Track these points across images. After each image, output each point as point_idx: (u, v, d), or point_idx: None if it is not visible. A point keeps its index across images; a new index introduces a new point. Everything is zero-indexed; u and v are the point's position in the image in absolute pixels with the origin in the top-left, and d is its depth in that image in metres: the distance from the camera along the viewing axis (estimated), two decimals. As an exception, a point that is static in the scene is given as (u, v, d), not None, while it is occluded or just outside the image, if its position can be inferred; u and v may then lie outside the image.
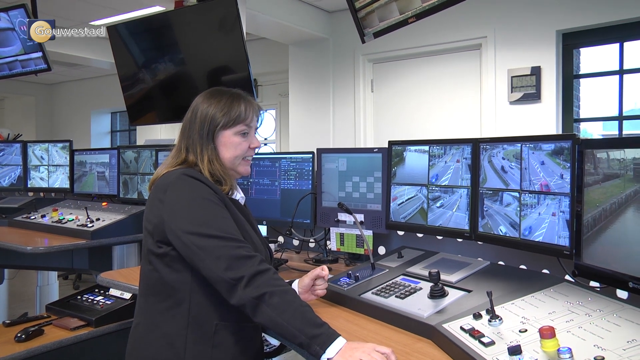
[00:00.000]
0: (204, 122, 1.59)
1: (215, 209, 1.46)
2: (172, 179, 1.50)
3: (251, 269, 1.35)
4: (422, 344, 1.47)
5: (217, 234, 1.39)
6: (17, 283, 5.09)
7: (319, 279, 1.76)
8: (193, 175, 1.51)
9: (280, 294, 1.34)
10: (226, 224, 1.44)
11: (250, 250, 1.40)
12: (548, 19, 4.18)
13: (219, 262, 1.35)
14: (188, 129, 1.62)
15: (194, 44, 3.19)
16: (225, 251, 1.36)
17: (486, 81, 4.49)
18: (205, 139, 1.59)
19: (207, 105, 1.60)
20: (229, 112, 1.60)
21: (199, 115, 1.60)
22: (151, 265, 1.49)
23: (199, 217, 1.42)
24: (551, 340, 1.15)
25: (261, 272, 1.35)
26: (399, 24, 2.62)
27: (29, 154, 4.23)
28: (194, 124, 1.61)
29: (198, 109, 1.62)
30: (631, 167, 1.37)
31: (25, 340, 1.99)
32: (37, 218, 3.64)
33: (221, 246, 1.37)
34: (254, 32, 5.08)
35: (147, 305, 1.51)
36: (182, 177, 1.49)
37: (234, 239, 1.40)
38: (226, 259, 1.35)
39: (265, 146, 6.88)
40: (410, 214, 2.20)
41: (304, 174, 2.68)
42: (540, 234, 1.69)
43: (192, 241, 1.38)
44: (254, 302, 1.32)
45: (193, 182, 1.49)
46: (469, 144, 1.97)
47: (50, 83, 9.31)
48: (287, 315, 1.31)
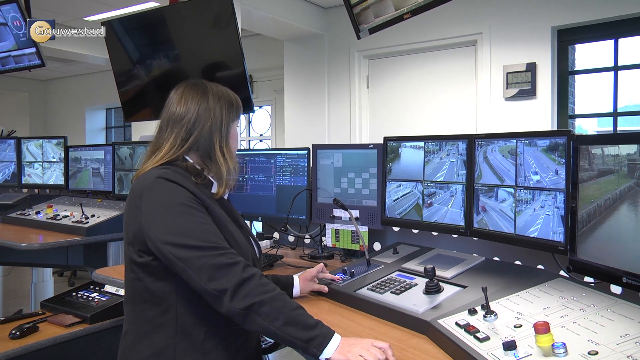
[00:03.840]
0: (218, 117, 1.53)
1: (194, 215, 1.37)
2: (148, 183, 1.42)
3: (235, 278, 1.29)
4: (417, 339, 1.48)
5: (195, 243, 1.31)
6: (11, 280, 5.06)
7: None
8: (170, 177, 1.41)
9: (270, 302, 1.29)
10: (205, 230, 1.36)
11: (233, 257, 1.33)
12: (543, 15, 4.18)
13: (201, 273, 1.29)
14: (193, 124, 1.51)
15: (188, 40, 3.17)
16: (205, 261, 1.30)
17: (481, 77, 4.49)
18: (219, 131, 1.53)
19: (215, 100, 1.54)
20: (237, 104, 1.59)
21: (212, 110, 1.52)
22: (134, 273, 1.43)
23: (176, 226, 1.34)
24: (546, 335, 1.15)
25: (246, 280, 1.30)
26: (394, 20, 2.62)
27: (23, 150, 4.21)
28: (202, 119, 1.51)
29: (205, 104, 1.52)
30: (625, 163, 1.38)
31: (20, 337, 1.98)
32: (32, 214, 3.63)
33: (201, 256, 1.30)
34: (249, 28, 5.06)
35: (134, 314, 1.45)
36: (157, 181, 1.40)
37: (214, 247, 1.33)
38: (207, 270, 1.29)
39: (261, 142, 6.86)
40: (405, 210, 2.21)
41: (299, 170, 2.68)
42: (535, 229, 1.69)
43: (171, 252, 1.31)
44: (242, 313, 1.28)
45: (169, 187, 1.40)
46: (464, 140, 1.97)
47: (45, 79, 9.25)
48: (278, 322, 1.28)
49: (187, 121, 1.51)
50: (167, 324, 1.39)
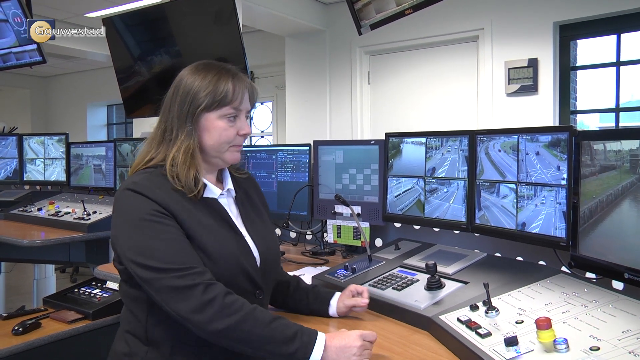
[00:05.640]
0: (185, 100, 1.36)
1: (156, 231, 1.25)
2: (117, 195, 1.34)
3: (193, 302, 1.19)
4: (419, 335, 1.48)
5: (154, 264, 1.22)
6: (14, 276, 5.07)
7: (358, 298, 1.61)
8: (137, 188, 1.29)
9: (238, 325, 1.19)
10: (168, 247, 1.24)
11: (194, 278, 1.21)
12: (545, 10, 4.16)
13: (160, 295, 1.22)
14: (168, 109, 1.39)
15: (189, 36, 3.17)
16: (163, 284, 1.21)
17: (483, 73, 4.48)
18: (184, 121, 1.35)
19: (191, 80, 1.37)
20: (214, 92, 1.35)
21: (181, 91, 1.37)
22: (119, 276, 1.40)
23: (137, 244, 1.25)
24: (547, 331, 1.15)
25: (207, 304, 1.19)
26: (395, 15, 2.61)
27: (24, 147, 4.21)
28: (174, 102, 1.38)
29: (181, 83, 1.38)
30: (627, 159, 1.38)
31: (23, 334, 1.98)
32: (34, 211, 3.63)
33: (159, 278, 1.21)
34: (250, 24, 5.05)
35: (123, 315, 1.42)
36: (124, 194, 1.31)
37: (174, 268, 1.21)
38: (166, 293, 1.21)
39: (262, 138, 6.86)
40: (407, 206, 2.20)
41: (301, 166, 2.68)
42: (536, 225, 1.69)
43: (134, 270, 1.25)
44: (213, 338, 1.21)
45: (135, 200, 1.29)
46: (465, 136, 1.97)
47: (46, 76, 9.25)
48: (253, 344, 1.21)
49: (164, 107, 1.41)
50: (140, 330, 1.34)
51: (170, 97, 1.40)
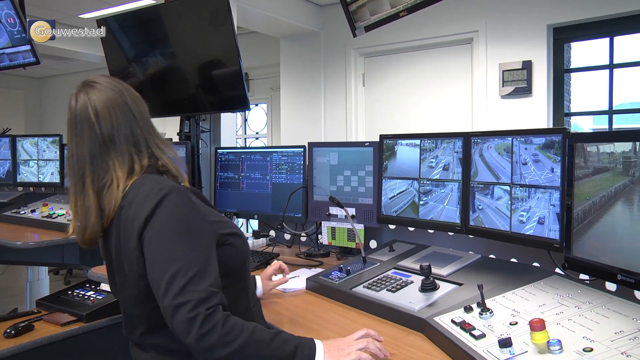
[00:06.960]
0: (144, 113, 1.44)
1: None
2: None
3: (193, 336, 1.15)
4: (413, 337, 1.48)
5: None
6: (6, 278, 5.05)
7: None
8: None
9: (240, 351, 1.17)
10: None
11: (195, 309, 1.16)
12: (539, 13, 4.18)
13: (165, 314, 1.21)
14: (124, 132, 1.40)
15: (184, 38, 3.16)
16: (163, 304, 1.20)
17: (477, 75, 4.49)
18: (154, 130, 1.45)
19: (131, 100, 1.42)
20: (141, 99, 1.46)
21: (134, 110, 1.41)
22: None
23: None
24: (541, 332, 1.15)
25: (208, 333, 1.15)
26: (390, 17, 2.62)
27: (18, 148, 4.18)
28: (132, 121, 1.41)
29: (124, 106, 1.41)
30: (620, 161, 1.38)
31: (15, 336, 1.97)
32: (27, 213, 3.61)
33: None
34: (245, 25, 5.05)
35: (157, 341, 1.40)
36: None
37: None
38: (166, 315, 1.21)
39: (257, 140, 6.85)
40: (401, 207, 2.21)
41: (296, 168, 2.68)
42: (530, 227, 1.70)
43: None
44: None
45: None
46: (460, 138, 1.98)
47: (40, 77, 9.21)
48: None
49: (105, 140, 1.43)
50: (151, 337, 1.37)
51: (116, 122, 1.42)
